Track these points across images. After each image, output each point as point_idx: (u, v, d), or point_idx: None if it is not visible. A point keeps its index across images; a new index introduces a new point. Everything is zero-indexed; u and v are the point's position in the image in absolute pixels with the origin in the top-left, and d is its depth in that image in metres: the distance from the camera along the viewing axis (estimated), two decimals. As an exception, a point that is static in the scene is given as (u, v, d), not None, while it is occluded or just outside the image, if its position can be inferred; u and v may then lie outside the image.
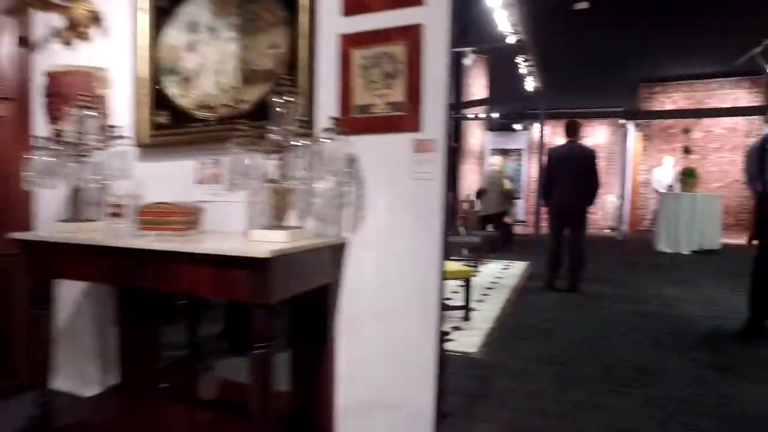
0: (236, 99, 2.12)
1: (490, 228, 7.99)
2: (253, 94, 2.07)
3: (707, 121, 11.49)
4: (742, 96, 11.37)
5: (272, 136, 1.74)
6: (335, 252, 1.92)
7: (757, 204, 3.74)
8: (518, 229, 10.58)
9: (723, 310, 4.48)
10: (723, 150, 11.47)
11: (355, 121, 1.89)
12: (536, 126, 10.45)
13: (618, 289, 5.37)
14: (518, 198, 11.16)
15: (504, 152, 8.97)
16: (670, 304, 4.66)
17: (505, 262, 7.07)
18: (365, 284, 1.93)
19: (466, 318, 4.09)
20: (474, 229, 7.75)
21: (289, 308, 2.03)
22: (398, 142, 1.83)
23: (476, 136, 12.77)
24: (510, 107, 11.42)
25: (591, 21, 11.56)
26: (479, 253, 6.44)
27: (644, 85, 12.02)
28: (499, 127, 12.85)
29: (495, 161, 8.04)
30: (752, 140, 5.82)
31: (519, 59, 6.43)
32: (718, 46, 10.85)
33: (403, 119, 1.82)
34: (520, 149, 12.36)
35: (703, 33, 10.88)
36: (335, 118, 1.81)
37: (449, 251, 6.40)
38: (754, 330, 3.61)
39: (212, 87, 2.16)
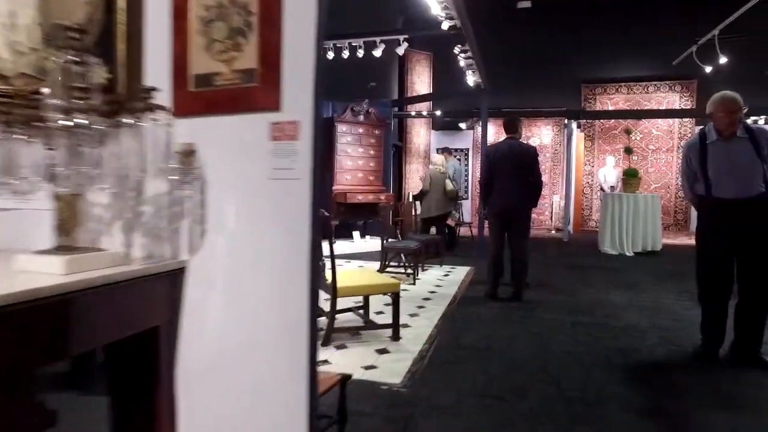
0: (38, 66, 1.50)
1: (433, 231, 7.57)
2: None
3: (646, 123, 11.61)
4: (675, 99, 11.56)
5: (53, 116, 1.15)
6: (168, 281, 1.35)
7: (701, 209, 3.35)
8: (464, 232, 10.25)
9: (670, 319, 4.19)
10: (660, 151, 11.62)
11: (192, 97, 1.34)
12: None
13: (563, 296, 5.03)
14: (463, 199, 10.85)
15: (447, 151, 8.56)
16: (615, 315, 4.34)
17: (447, 267, 6.65)
18: (211, 321, 1.37)
19: (395, 338, 3.59)
20: (415, 233, 7.30)
21: (107, 355, 1.45)
22: (250, 125, 1.29)
23: (421, 135, 12.40)
24: (454, 105, 11.11)
25: (533, 19, 11.52)
26: (417, 259, 5.97)
27: (586, 86, 12.02)
28: (445, 125, 12.54)
29: (436, 160, 7.63)
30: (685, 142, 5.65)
31: (460, 55, 6.03)
32: (655, 49, 10.98)
33: (255, 93, 1.28)
34: (466, 149, 12.09)
35: (641, 36, 11.01)
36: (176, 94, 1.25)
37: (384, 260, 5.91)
38: (708, 357, 3.23)
39: (2, 49, 1.54)
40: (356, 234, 8.26)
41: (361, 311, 4.04)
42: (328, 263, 3.52)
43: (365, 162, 8.25)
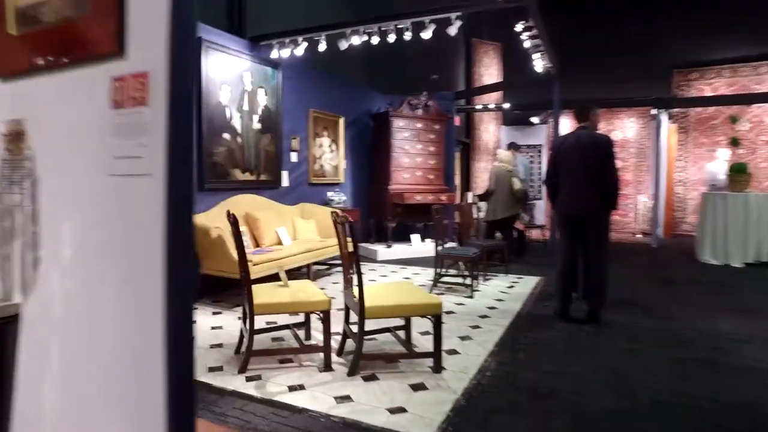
0: None
1: (499, 236, 6.81)
2: None
3: (756, 110, 9.98)
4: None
5: None
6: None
7: None
8: (537, 235, 9.32)
9: (803, 356, 3.22)
10: (775, 143, 9.95)
11: (14, 44, 0.82)
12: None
13: (653, 320, 4.13)
14: (536, 199, 9.89)
15: (514, 146, 7.72)
16: (729, 349, 3.41)
17: (513, 277, 5.87)
18: (48, 387, 0.85)
19: (437, 369, 2.96)
20: (478, 238, 6.58)
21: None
22: (86, 85, 0.75)
23: (490, 131, 11.55)
24: (525, 98, 10.17)
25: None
26: (476, 268, 5.28)
27: (679, 71, 10.58)
28: (515, 120, 11.59)
29: (502, 157, 6.83)
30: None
31: (524, 33, 5.25)
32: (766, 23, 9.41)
33: (89, 27, 0.74)
34: (538, 144, 11.08)
35: (746, 9, 9.48)
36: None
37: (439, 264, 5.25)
38: None
39: None
40: (415, 237, 7.67)
41: (403, 332, 3.45)
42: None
43: (424, 159, 7.63)
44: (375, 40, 5.03)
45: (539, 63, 5.89)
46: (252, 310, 2.96)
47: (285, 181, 6.23)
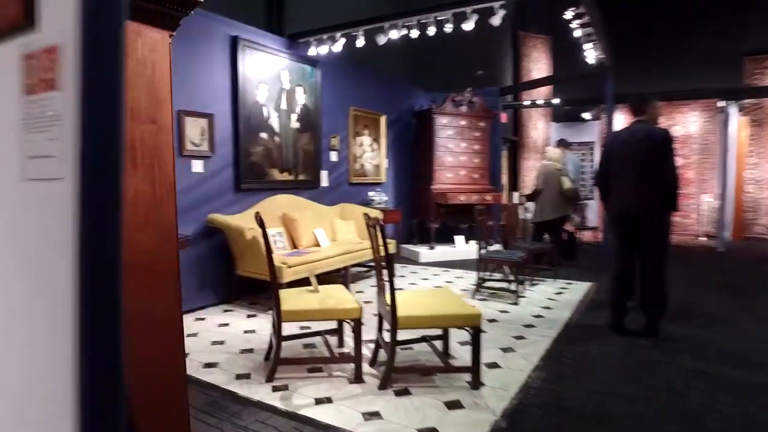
0: None
1: (547, 238, 6.46)
2: None
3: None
4: None
5: None
6: None
7: None
8: (589, 238, 8.83)
9: None
10: None
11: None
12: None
13: (721, 334, 3.72)
14: (588, 199, 9.37)
15: (564, 143, 7.31)
16: (808, 368, 3.01)
17: (563, 282, 5.52)
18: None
19: (475, 385, 2.73)
20: (524, 240, 6.25)
21: None
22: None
23: (539, 128, 11.08)
24: (576, 93, 9.67)
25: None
26: (522, 272, 4.99)
27: (751, 59, 9.75)
28: (566, 116, 11.06)
29: (551, 154, 6.45)
30: None
31: (574, 21, 4.90)
32: None
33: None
34: (590, 142, 10.51)
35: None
36: None
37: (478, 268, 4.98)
38: None
39: None
40: (459, 239, 7.41)
41: (441, 342, 3.25)
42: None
43: (468, 158, 7.35)
44: (414, 33, 4.82)
45: (591, 54, 5.50)
46: (279, 316, 2.84)
47: (324, 181, 6.13)
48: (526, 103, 9.76)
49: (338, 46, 5.29)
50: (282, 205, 5.26)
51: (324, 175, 6.12)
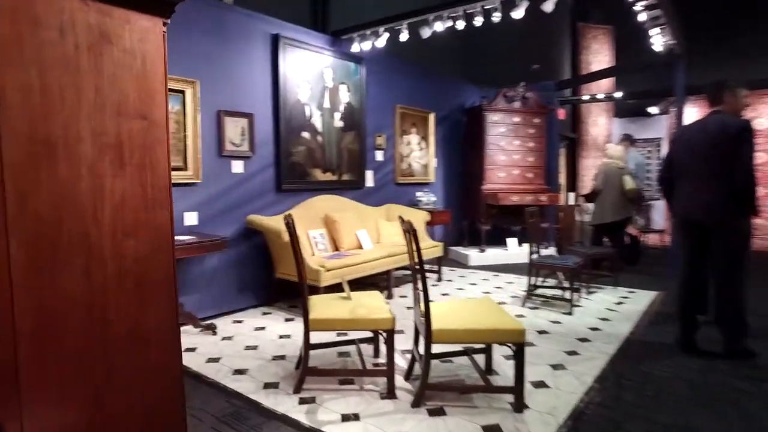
0: None
1: (608, 242, 5.97)
2: None
3: None
4: None
5: None
6: None
7: None
8: (655, 241, 8.17)
9: None
10: None
11: None
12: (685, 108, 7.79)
13: (813, 355, 3.21)
14: (653, 199, 8.67)
15: (628, 139, 6.76)
16: None
17: (624, 290, 5.06)
18: None
19: (518, 408, 2.46)
20: (581, 244, 5.81)
21: None
22: None
23: (600, 123, 10.41)
24: (642, 85, 8.98)
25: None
26: (579, 278, 4.60)
27: None
28: (630, 111, 10.31)
29: (612, 152, 5.94)
30: None
31: (638, 3, 4.43)
32: None
33: None
34: (657, 138, 9.73)
35: None
36: None
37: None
38: None
39: None
40: (512, 242, 7.03)
41: (482, 356, 2.98)
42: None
43: (522, 156, 6.95)
44: (460, 24, 4.54)
45: (658, 40, 4.99)
46: (307, 325, 2.68)
47: (369, 181, 5.96)
48: (586, 97, 9.18)
49: (381, 41, 5.10)
50: (324, 205, 5.14)
51: (369, 175, 5.96)
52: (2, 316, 1.12)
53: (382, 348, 3.20)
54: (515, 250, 6.85)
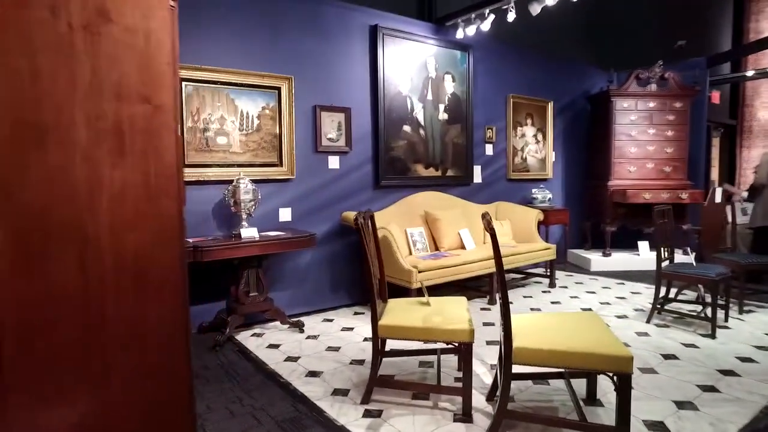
0: None
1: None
2: None
3: None
4: None
5: None
6: None
7: None
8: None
9: None
10: None
11: None
12: None
13: None
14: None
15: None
16: None
17: (793, 311, 4.06)
18: None
19: (622, 455, 1.98)
20: (732, 250, 4.80)
21: None
22: None
23: (769, 107, 8.70)
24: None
25: None
26: (727, 293, 3.77)
27: None
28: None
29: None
30: None
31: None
32: None
33: None
34: None
35: None
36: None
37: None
38: None
39: None
40: (643, 245, 6.11)
41: (585, 380, 2.51)
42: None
43: (658, 147, 5.99)
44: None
45: None
46: (375, 331, 2.47)
47: (477, 177, 5.58)
48: (749, 73, 7.68)
49: (487, 24, 4.69)
50: (425, 203, 4.89)
51: (477, 170, 5.57)
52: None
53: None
54: (647, 255, 5.93)
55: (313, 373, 2.91)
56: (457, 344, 2.38)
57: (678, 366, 2.92)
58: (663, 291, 3.95)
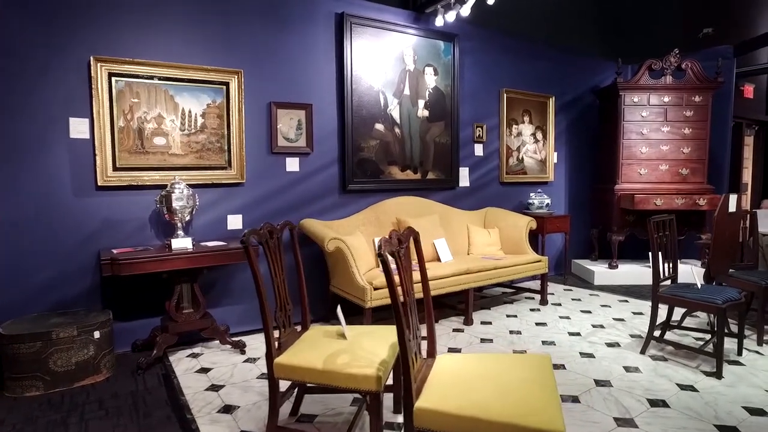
0: None
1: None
2: None
3: None
4: None
5: None
6: None
7: None
8: None
9: None
10: None
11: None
12: None
13: None
14: None
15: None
16: None
17: (824, 342, 3.40)
18: None
19: None
20: (752, 271, 4.15)
21: None
22: None
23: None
24: None
25: None
26: (740, 321, 3.18)
27: None
28: None
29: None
30: None
31: None
32: None
33: None
34: None
35: None
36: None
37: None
38: None
39: None
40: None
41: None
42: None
43: (673, 147, 5.33)
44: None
45: None
46: (270, 368, 2.04)
47: (464, 180, 5.06)
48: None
49: (466, 9, 4.19)
50: (399, 209, 4.42)
51: (464, 172, 5.06)
52: None
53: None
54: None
55: (227, 408, 2.50)
56: (361, 394, 1.92)
57: (665, 418, 2.37)
58: (665, 315, 3.37)
